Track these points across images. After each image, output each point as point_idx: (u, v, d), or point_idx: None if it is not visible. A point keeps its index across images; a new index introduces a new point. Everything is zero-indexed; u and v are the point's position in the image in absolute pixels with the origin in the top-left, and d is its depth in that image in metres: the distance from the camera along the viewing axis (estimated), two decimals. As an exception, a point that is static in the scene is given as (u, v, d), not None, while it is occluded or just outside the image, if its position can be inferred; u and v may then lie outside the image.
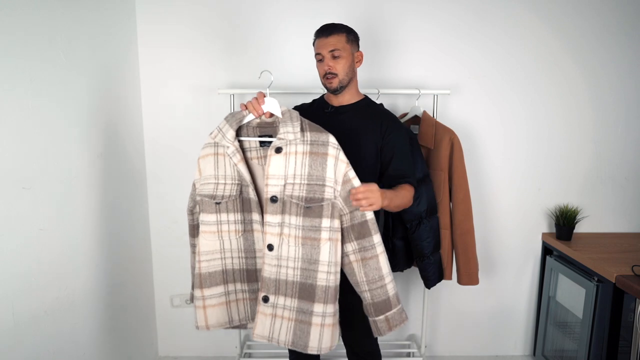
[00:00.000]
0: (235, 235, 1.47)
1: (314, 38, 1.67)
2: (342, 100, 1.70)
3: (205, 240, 1.47)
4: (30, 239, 1.50)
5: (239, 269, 1.50)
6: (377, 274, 1.43)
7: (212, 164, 1.46)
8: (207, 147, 1.48)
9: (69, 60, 1.71)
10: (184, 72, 2.32)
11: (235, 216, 1.46)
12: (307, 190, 1.38)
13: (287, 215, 1.40)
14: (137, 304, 2.31)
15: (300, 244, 1.40)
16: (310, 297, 1.41)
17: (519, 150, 2.38)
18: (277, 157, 1.39)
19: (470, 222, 2.08)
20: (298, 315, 1.43)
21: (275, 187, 1.40)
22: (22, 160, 1.47)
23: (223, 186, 1.45)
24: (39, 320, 1.55)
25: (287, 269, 1.42)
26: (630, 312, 1.88)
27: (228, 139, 1.43)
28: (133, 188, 2.27)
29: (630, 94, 2.34)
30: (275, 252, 1.42)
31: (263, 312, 1.45)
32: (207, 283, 1.48)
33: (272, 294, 1.44)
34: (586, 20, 2.28)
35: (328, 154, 1.38)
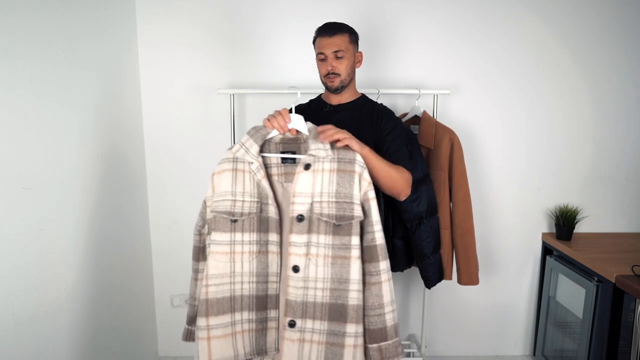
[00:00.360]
0: (249, 257, 1.38)
1: (315, 36, 1.66)
2: (341, 99, 1.70)
3: (215, 262, 1.37)
4: (30, 239, 1.50)
5: (248, 295, 1.39)
6: (377, 301, 1.37)
7: (229, 180, 1.39)
8: (225, 163, 1.40)
9: (69, 60, 1.71)
10: (184, 72, 2.32)
11: (251, 236, 1.38)
12: (336, 208, 1.34)
13: (314, 234, 1.35)
14: (137, 304, 2.31)
15: (330, 264, 1.34)
16: (342, 318, 1.35)
17: (519, 150, 2.38)
18: (305, 174, 1.35)
19: (470, 222, 2.08)
20: (329, 338, 1.36)
21: (302, 205, 1.35)
22: (22, 160, 1.47)
23: (242, 203, 1.37)
24: (39, 320, 1.55)
25: (316, 290, 1.35)
26: (630, 312, 1.88)
27: (252, 155, 1.37)
28: (133, 188, 2.27)
29: (630, 94, 2.34)
30: (301, 274, 1.35)
31: (290, 338, 1.36)
32: (213, 310, 1.36)
33: (299, 317, 1.35)
34: (586, 20, 2.28)
35: (355, 172, 1.36)
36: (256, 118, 2.35)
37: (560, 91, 2.33)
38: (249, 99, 2.34)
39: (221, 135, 2.35)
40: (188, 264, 2.43)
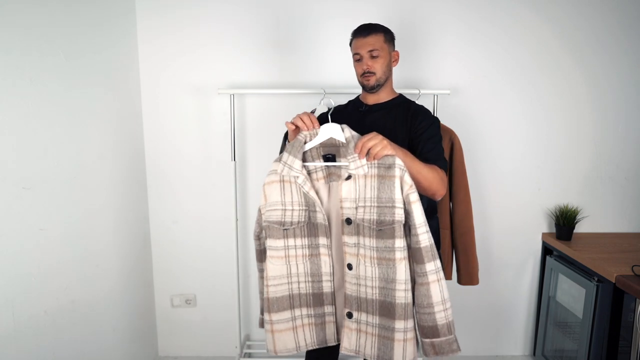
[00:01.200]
0: (303, 260, 1.49)
1: (351, 38, 1.69)
2: (378, 99, 1.71)
3: (272, 265, 1.49)
4: (30, 239, 1.51)
5: (305, 293, 1.52)
6: (425, 300, 1.42)
7: (278, 190, 1.47)
8: (272, 174, 1.48)
9: (69, 60, 1.71)
10: (184, 72, 2.32)
11: (303, 241, 1.48)
12: (377, 213, 1.39)
13: (361, 236, 1.42)
14: (137, 304, 2.31)
15: (377, 264, 1.41)
16: (391, 315, 1.42)
17: (519, 150, 2.38)
18: (348, 183, 1.42)
19: (471, 222, 2.08)
20: (381, 332, 1.45)
21: (349, 209, 1.42)
22: (22, 160, 1.47)
23: (291, 212, 1.47)
24: (39, 320, 1.55)
25: (367, 287, 1.44)
26: (630, 312, 1.88)
27: (296, 170, 1.43)
28: (133, 188, 2.27)
29: (630, 94, 2.33)
30: (354, 272, 1.44)
31: (349, 327, 1.48)
32: (274, 308, 1.50)
33: (355, 310, 1.47)
34: (586, 20, 2.28)
35: (395, 176, 1.39)
36: (256, 118, 2.35)
37: (560, 91, 2.33)
38: (249, 99, 2.34)
39: (221, 135, 2.35)
40: (188, 264, 2.46)
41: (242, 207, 2.41)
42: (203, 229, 2.44)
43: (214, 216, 2.43)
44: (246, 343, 2.52)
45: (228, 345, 2.53)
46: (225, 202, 2.37)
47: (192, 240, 2.46)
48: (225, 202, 2.37)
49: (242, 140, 2.37)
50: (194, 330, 2.55)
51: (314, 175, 1.50)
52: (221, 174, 2.38)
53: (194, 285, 2.50)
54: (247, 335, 2.56)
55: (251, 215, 2.42)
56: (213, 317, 2.53)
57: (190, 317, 2.53)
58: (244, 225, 2.43)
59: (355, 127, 1.59)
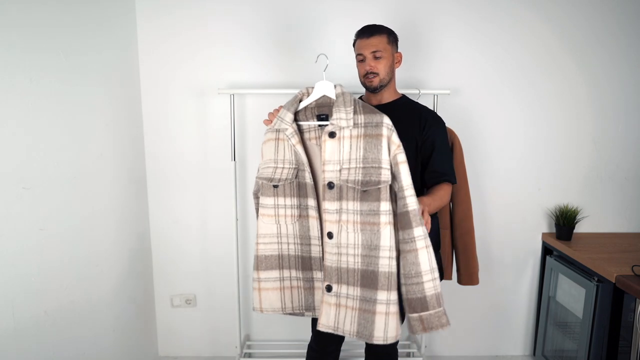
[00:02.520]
0: (292, 220, 1.49)
1: (355, 39, 1.70)
2: (381, 99, 1.72)
3: (263, 224, 1.51)
4: (30, 239, 1.50)
5: (294, 255, 1.52)
6: (413, 269, 1.34)
7: (272, 148, 1.50)
8: (269, 132, 1.51)
9: (69, 60, 1.71)
10: (184, 72, 2.32)
11: (292, 200, 1.48)
12: (363, 174, 1.36)
13: (344, 201, 1.39)
14: (137, 304, 2.31)
15: (360, 230, 1.37)
16: (373, 285, 1.36)
17: (519, 150, 2.38)
18: (332, 142, 1.40)
19: (470, 222, 2.08)
20: (362, 304, 1.39)
21: (332, 172, 1.41)
22: (22, 160, 1.47)
23: (281, 170, 1.47)
24: (39, 320, 1.55)
25: (348, 256, 1.40)
26: (630, 312, 1.88)
27: (286, 122, 1.46)
28: (133, 188, 2.27)
29: (630, 94, 2.33)
30: (335, 240, 1.41)
31: (327, 302, 1.45)
32: (263, 265, 1.51)
33: (335, 282, 1.44)
34: (586, 20, 2.28)
35: (382, 135, 1.36)
36: (256, 118, 2.35)
37: (560, 91, 2.33)
38: (249, 99, 2.34)
39: (221, 135, 2.35)
40: (188, 264, 2.46)
41: (242, 207, 2.41)
42: (203, 229, 2.44)
43: (214, 216, 2.43)
44: (246, 343, 2.52)
45: (228, 345, 2.53)
46: (225, 202, 2.37)
47: (192, 240, 2.46)
48: (225, 202, 2.37)
49: (242, 140, 2.37)
50: (194, 330, 2.55)
51: (306, 134, 1.52)
52: (221, 174, 2.38)
53: (194, 286, 2.50)
54: (247, 335, 2.56)
55: (251, 216, 2.42)
56: (213, 317, 2.53)
57: (190, 317, 2.53)
58: (244, 225, 2.43)
59: None
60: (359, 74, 1.70)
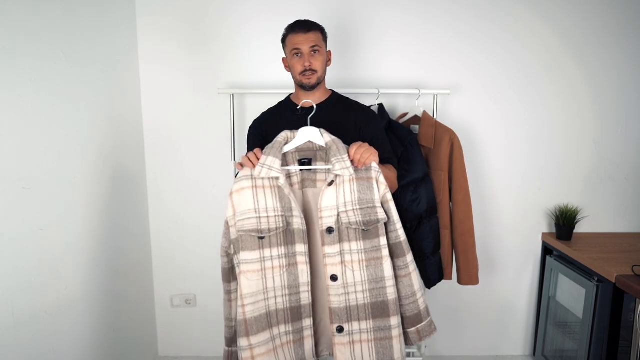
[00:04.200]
0: (280, 272, 1.40)
1: (287, 33, 1.65)
2: (313, 100, 1.68)
3: (248, 281, 1.38)
4: (30, 239, 1.50)
5: (282, 308, 1.42)
6: (410, 290, 1.46)
7: (250, 198, 1.40)
8: (243, 181, 1.41)
9: (69, 60, 1.71)
10: (184, 72, 2.32)
11: (279, 250, 1.40)
12: (362, 215, 1.39)
13: (345, 242, 1.40)
14: (137, 304, 2.31)
15: (365, 267, 1.41)
16: (385, 313, 1.42)
17: (519, 150, 2.38)
18: (330, 189, 1.40)
19: (471, 222, 2.08)
20: (377, 334, 1.42)
21: (330, 218, 1.39)
22: (22, 160, 1.47)
23: (267, 219, 1.39)
24: (39, 320, 1.55)
25: (356, 293, 1.41)
26: (630, 312, 1.88)
27: (277, 170, 1.37)
28: (133, 188, 2.27)
29: (630, 94, 2.33)
30: (340, 282, 1.40)
31: (340, 343, 1.41)
32: (253, 329, 1.38)
33: (346, 322, 1.41)
34: (586, 20, 2.27)
35: (372, 178, 1.42)
36: (256, 118, 2.35)
37: (560, 91, 2.33)
38: (249, 99, 2.34)
39: (221, 135, 2.35)
40: (188, 264, 2.46)
41: (242, 207, 2.41)
42: (203, 228, 2.44)
43: (214, 216, 2.42)
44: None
45: (228, 345, 2.53)
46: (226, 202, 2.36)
47: (192, 241, 2.46)
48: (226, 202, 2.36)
49: (242, 140, 2.37)
50: (194, 330, 2.55)
51: (289, 180, 1.46)
52: (221, 174, 2.38)
53: (194, 285, 2.50)
54: (247, 335, 2.55)
55: (251, 215, 2.42)
56: (213, 317, 2.52)
57: (190, 317, 2.53)
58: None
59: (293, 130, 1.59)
60: (294, 71, 1.65)
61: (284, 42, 1.68)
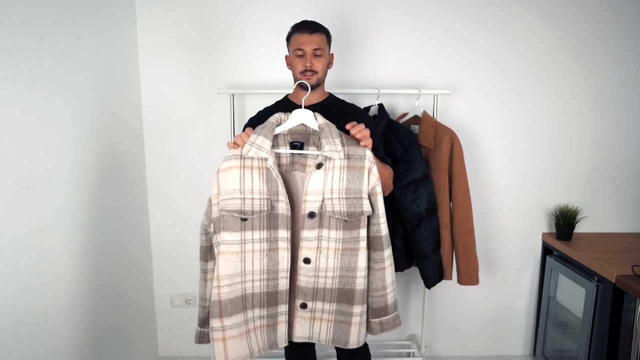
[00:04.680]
0: (260, 255, 1.38)
1: (292, 32, 1.67)
2: (311, 100, 1.69)
3: (226, 262, 1.36)
4: (30, 239, 1.50)
5: (259, 292, 1.41)
6: (380, 284, 1.47)
7: (236, 178, 1.36)
8: (231, 160, 1.37)
9: (69, 60, 1.71)
10: (184, 72, 2.32)
11: (261, 234, 1.37)
12: (347, 205, 1.37)
13: (325, 229, 1.39)
14: (137, 304, 2.31)
15: (340, 255, 1.41)
16: (350, 301, 1.44)
17: (519, 150, 2.38)
18: (317, 173, 1.37)
19: (471, 222, 2.08)
20: (337, 317, 1.46)
21: (314, 202, 1.37)
22: (22, 160, 1.47)
23: (251, 201, 1.35)
24: (39, 320, 1.55)
25: (326, 278, 1.43)
26: (630, 312, 1.88)
27: (266, 150, 1.33)
28: (133, 188, 2.27)
29: (630, 94, 2.34)
30: (312, 265, 1.41)
31: (302, 317, 1.46)
32: (227, 311, 1.36)
33: (310, 300, 1.44)
34: (586, 20, 2.28)
35: (365, 167, 1.39)
36: (256, 118, 2.35)
37: (560, 91, 2.33)
38: (249, 99, 2.34)
39: (221, 135, 2.35)
40: (188, 264, 2.46)
41: (242, 207, 2.41)
42: (203, 229, 2.44)
43: (214, 216, 2.42)
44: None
45: (228, 345, 2.53)
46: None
47: (192, 241, 2.46)
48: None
49: (242, 140, 2.37)
50: (194, 330, 2.54)
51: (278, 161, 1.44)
52: (221, 174, 2.38)
53: (194, 285, 2.50)
54: (247, 335, 2.55)
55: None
56: (213, 317, 2.53)
57: (190, 317, 2.53)
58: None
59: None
60: (295, 70, 1.66)
61: (289, 41, 1.69)
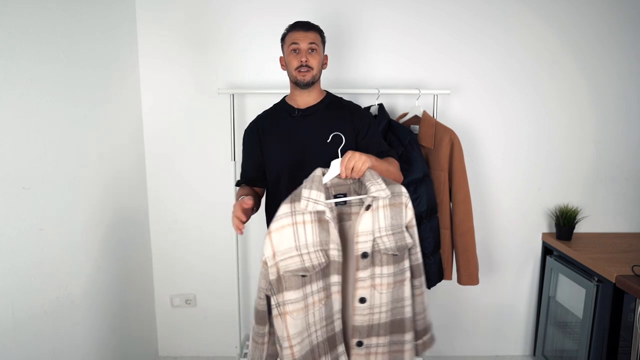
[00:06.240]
0: (319, 305, 1.38)
1: (287, 31, 1.67)
2: (308, 101, 1.69)
3: (294, 321, 1.34)
4: (30, 239, 1.50)
5: (322, 340, 1.42)
6: (421, 307, 1.54)
7: (290, 235, 1.36)
8: (283, 218, 1.36)
9: (69, 60, 1.71)
10: (183, 72, 2.32)
11: (318, 284, 1.38)
12: (395, 240, 1.42)
13: (377, 267, 1.41)
14: (137, 304, 2.31)
15: (392, 289, 1.44)
16: (401, 329, 1.48)
17: (519, 150, 2.38)
18: (367, 214, 1.40)
19: (471, 222, 2.08)
20: (392, 347, 1.49)
21: (365, 243, 1.39)
22: (22, 160, 1.47)
23: (308, 256, 1.35)
24: (39, 320, 1.55)
25: (380, 314, 1.45)
26: (630, 312, 1.88)
27: (323, 203, 1.34)
28: (133, 188, 2.27)
29: (630, 94, 2.33)
30: (367, 304, 1.42)
31: (358, 354, 1.46)
32: None
33: (365, 337, 1.45)
34: (586, 19, 2.28)
35: (402, 203, 1.45)
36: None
37: (560, 91, 2.33)
38: (249, 99, 2.34)
39: (221, 135, 2.35)
40: (188, 264, 2.46)
41: (242, 207, 2.41)
42: (203, 229, 2.44)
43: (214, 216, 2.43)
44: (246, 343, 2.52)
45: (228, 345, 2.53)
46: (225, 202, 2.37)
47: (192, 241, 2.46)
48: (225, 202, 2.37)
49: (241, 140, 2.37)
50: (194, 330, 2.55)
51: None
52: (221, 174, 2.38)
53: (194, 285, 2.50)
54: (247, 335, 2.55)
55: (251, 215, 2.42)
56: (213, 317, 2.53)
57: (190, 317, 2.53)
58: (244, 225, 2.42)
59: (292, 132, 1.62)
60: (290, 66, 1.65)
61: (283, 40, 1.69)
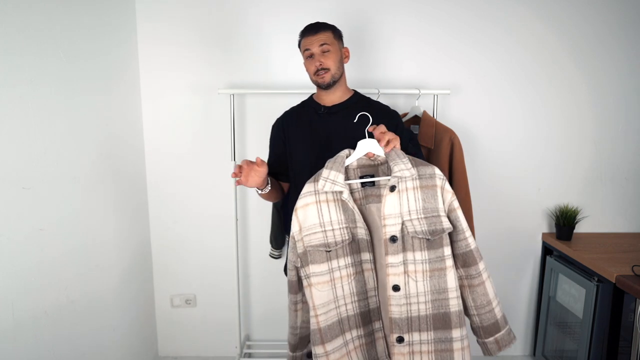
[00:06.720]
0: (348, 280, 1.42)
1: (300, 38, 1.68)
2: (334, 99, 1.68)
3: (319, 292, 1.41)
4: (30, 239, 1.50)
5: (353, 314, 1.45)
6: (484, 299, 1.46)
7: (314, 212, 1.42)
8: (307, 196, 1.43)
9: (69, 60, 1.71)
10: (184, 72, 2.32)
11: (346, 260, 1.42)
12: (427, 224, 1.39)
13: (409, 252, 1.39)
14: (137, 304, 2.31)
15: (429, 277, 1.40)
16: (447, 325, 1.42)
17: (519, 150, 2.38)
18: (392, 196, 1.39)
19: (471, 221, 2.08)
20: (437, 346, 1.44)
21: (393, 226, 1.38)
22: (22, 160, 1.47)
23: (332, 232, 1.41)
24: (39, 320, 1.55)
25: (418, 304, 1.41)
26: (630, 312, 1.88)
27: (341, 184, 1.38)
28: (133, 188, 2.27)
29: (630, 94, 2.34)
30: (402, 292, 1.40)
31: (400, 353, 1.42)
32: (327, 337, 1.41)
33: (406, 332, 1.41)
34: (586, 20, 2.28)
35: (437, 185, 1.41)
36: (256, 118, 2.35)
37: (560, 91, 2.33)
38: (249, 99, 2.34)
39: (221, 135, 2.35)
40: (188, 264, 2.46)
41: (242, 207, 2.41)
42: (203, 229, 2.44)
43: (214, 216, 2.43)
44: (246, 343, 2.52)
45: (228, 345, 2.53)
46: (225, 202, 2.37)
47: (192, 240, 2.46)
48: (225, 202, 2.37)
49: (242, 140, 2.37)
50: (194, 330, 2.55)
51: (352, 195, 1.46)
52: (221, 174, 2.38)
53: (194, 285, 2.50)
54: (247, 335, 2.56)
55: (251, 215, 2.42)
56: (213, 317, 2.53)
57: (190, 317, 2.53)
58: (244, 225, 2.43)
59: (316, 130, 1.61)
60: (310, 73, 1.66)
61: (299, 47, 1.69)
